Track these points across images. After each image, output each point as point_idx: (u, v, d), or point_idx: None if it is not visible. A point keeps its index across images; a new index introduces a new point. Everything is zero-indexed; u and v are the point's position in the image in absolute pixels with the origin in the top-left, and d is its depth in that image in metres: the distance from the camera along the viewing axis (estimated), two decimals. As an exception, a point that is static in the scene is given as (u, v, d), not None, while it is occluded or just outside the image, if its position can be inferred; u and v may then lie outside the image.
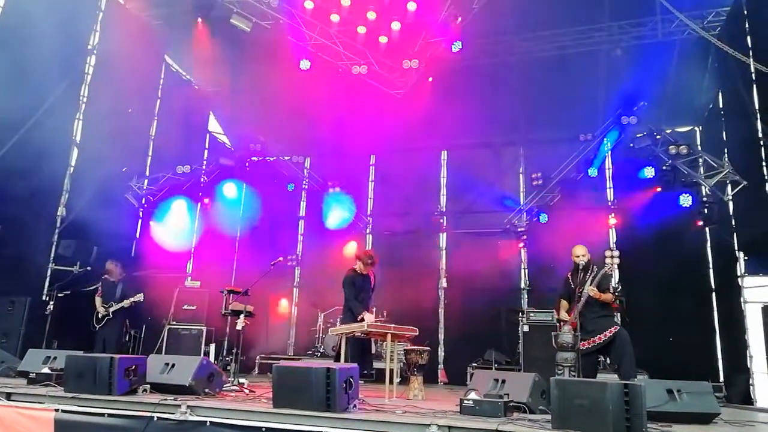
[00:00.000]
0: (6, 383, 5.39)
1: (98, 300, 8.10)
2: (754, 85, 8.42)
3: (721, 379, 9.18)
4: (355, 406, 4.47)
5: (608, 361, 6.93)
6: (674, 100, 10.11)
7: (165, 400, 4.56)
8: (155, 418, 4.38)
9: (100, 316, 8.00)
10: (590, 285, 6.03)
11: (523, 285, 11.50)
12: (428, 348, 6.70)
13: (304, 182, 13.19)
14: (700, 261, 10.30)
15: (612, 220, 10.93)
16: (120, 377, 4.83)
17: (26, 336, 7.77)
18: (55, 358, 5.81)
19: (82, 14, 9.98)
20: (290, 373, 4.45)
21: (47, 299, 8.22)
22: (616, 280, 6.81)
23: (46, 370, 5.55)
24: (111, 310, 7.97)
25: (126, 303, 7.98)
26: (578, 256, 6.30)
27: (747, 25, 8.78)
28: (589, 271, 6.21)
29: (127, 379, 4.90)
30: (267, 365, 10.24)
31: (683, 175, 9.71)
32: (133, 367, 4.99)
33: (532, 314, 9.09)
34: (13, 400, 4.85)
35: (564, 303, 6.45)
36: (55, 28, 8.57)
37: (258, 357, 11.12)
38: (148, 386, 5.10)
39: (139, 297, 8.07)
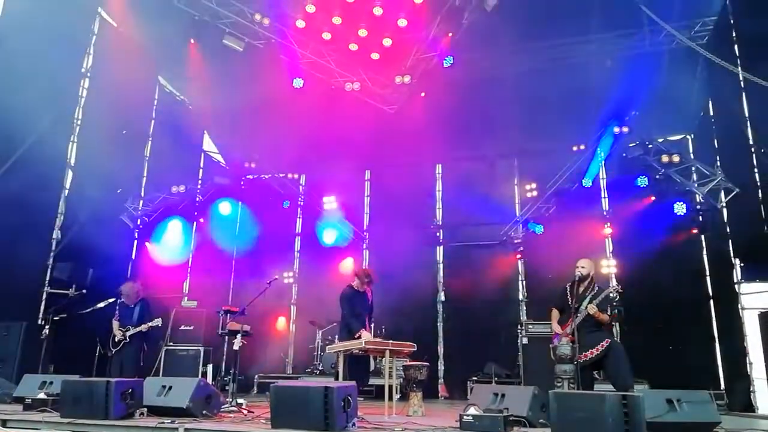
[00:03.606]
0: (1, 410, 5.35)
1: (115, 324, 7.91)
2: (743, 93, 8.51)
3: (722, 386, 9.15)
4: (354, 424, 4.45)
5: (603, 374, 6.86)
6: (665, 109, 10.20)
7: (162, 423, 4.53)
8: (152, 442, 4.35)
9: (116, 340, 7.81)
10: (591, 302, 6.03)
11: (521, 297, 11.49)
12: (427, 363, 6.67)
13: (299, 199, 13.22)
14: (696, 268, 10.32)
15: (607, 230, 10.94)
16: (116, 401, 4.80)
17: (22, 361, 7.64)
18: (51, 383, 5.77)
19: (76, 38, 10.02)
20: (288, 393, 4.43)
21: (43, 323, 8.12)
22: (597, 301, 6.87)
23: (42, 395, 5.51)
24: (128, 334, 7.78)
25: (144, 327, 7.80)
26: (577, 267, 6.31)
27: (734, 35, 8.89)
28: (590, 288, 6.21)
29: (124, 402, 4.87)
30: (265, 384, 10.14)
31: (677, 184, 9.77)
32: (130, 390, 4.96)
33: (530, 326, 9.06)
34: (9, 427, 4.82)
35: (556, 313, 6.44)
36: (50, 52, 8.63)
37: (256, 376, 11.05)
38: (145, 409, 5.07)
39: (157, 322, 7.92)
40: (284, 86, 10.93)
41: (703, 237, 10.27)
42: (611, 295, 6.18)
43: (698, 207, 9.97)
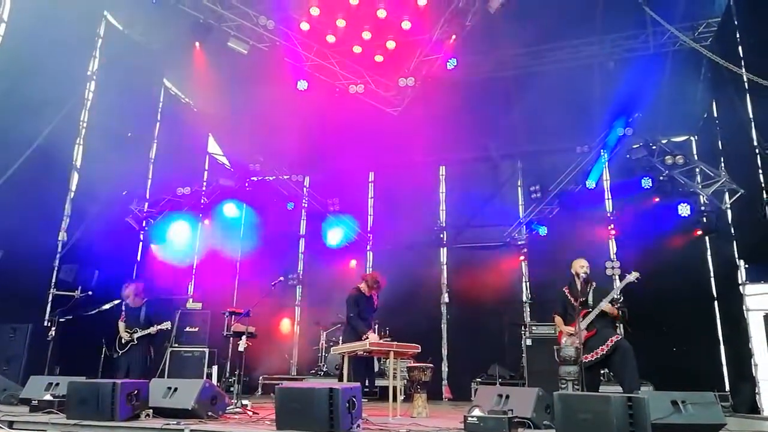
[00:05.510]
0: (8, 411, 5.38)
1: (121, 325, 7.85)
2: (747, 95, 8.49)
3: (727, 388, 9.12)
4: (358, 425, 4.46)
5: (611, 373, 6.89)
6: (669, 110, 10.18)
7: (168, 424, 4.55)
8: (158, 443, 4.37)
9: (123, 341, 7.77)
10: (605, 302, 6.09)
11: (524, 298, 11.49)
12: (431, 365, 6.68)
13: (303, 201, 13.24)
14: (700, 270, 10.30)
15: (611, 231, 10.93)
16: (122, 402, 4.82)
17: (28, 362, 7.67)
18: (57, 384, 5.80)
19: (82, 41, 10.10)
20: (293, 395, 4.44)
21: (49, 325, 8.13)
22: (618, 291, 6.87)
23: (48, 396, 5.54)
24: (135, 336, 7.75)
25: (153, 330, 7.76)
26: (582, 267, 6.36)
27: (738, 36, 8.87)
28: (589, 284, 6.25)
29: (130, 404, 4.89)
30: (270, 386, 10.18)
31: (681, 185, 9.75)
32: (136, 391, 4.98)
33: (534, 327, 9.06)
34: (15, 429, 4.84)
35: (559, 319, 6.45)
36: (56, 55, 8.69)
37: (261, 378, 11.08)
38: (151, 411, 5.10)
39: (166, 325, 7.87)
40: (288, 89, 10.97)
41: (707, 238, 10.24)
42: (629, 280, 6.28)
43: (702, 208, 9.95)
